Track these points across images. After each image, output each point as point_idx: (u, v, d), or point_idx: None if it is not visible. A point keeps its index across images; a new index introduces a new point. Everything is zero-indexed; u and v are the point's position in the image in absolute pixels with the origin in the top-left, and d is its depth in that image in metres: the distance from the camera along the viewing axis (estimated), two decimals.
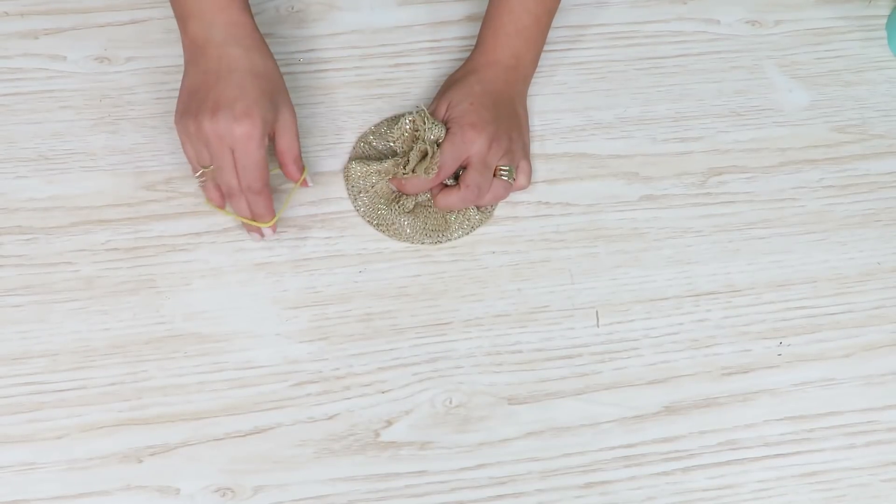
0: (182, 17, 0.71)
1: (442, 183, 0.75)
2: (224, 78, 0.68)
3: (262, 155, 0.68)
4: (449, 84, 0.79)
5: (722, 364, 0.73)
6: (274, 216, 0.72)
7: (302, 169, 0.73)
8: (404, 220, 0.76)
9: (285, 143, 0.71)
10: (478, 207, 0.77)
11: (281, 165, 0.73)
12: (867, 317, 0.76)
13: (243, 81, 0.68)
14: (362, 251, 0.76)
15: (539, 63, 0.81)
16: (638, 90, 0.85)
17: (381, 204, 0.76)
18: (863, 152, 0.83)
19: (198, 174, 0.71)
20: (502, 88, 0.77)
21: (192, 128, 0.68)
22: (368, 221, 0.76)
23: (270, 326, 0.72)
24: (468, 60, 0.80)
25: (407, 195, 0.76)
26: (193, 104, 0.68)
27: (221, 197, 0.73)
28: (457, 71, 0.80)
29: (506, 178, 0.75)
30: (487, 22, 0.79)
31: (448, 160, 0.73)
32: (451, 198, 0.74)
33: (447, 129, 0.74)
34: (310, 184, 0.76)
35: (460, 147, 0.73)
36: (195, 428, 0.68)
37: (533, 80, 0.84)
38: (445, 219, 0.76)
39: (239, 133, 0.66)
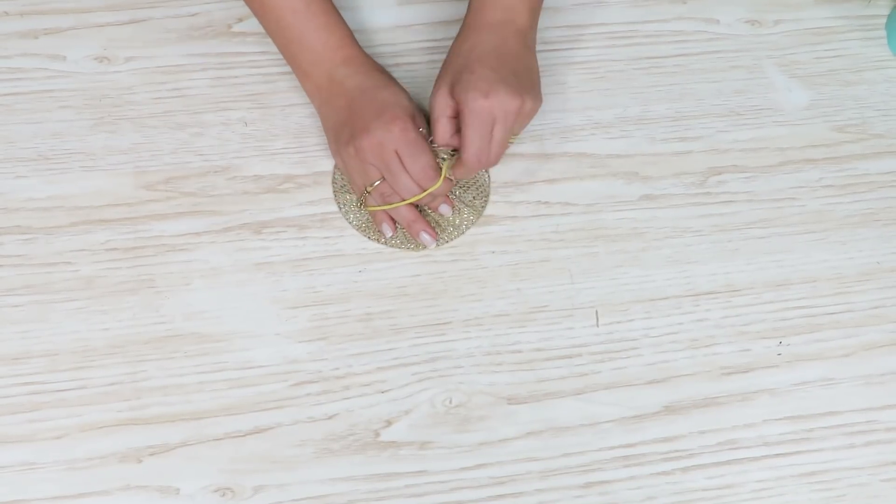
0: (302, 70, 0.76)
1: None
2: (360, 104, 0.73)
3: (424, 141, 0.72)
4: (444, 65, 0.76)
5: (721, 364, 0.73)
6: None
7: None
8: (399, 234, 0.76)
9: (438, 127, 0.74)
10: (466, 205, 0.77)
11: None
12: (866, 316, 0.76)
13: (376, 98, 0.73)
14: (362, 251, 0.76)
15: (540, 63, 0.81)
16: (637, 90, 0.85)
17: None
18: (862, 152, 0.83)
19: (369, 188, 0.73)
20: (499, 48, 0.74)
21: (352, 152, 0.73)
22: (357, 228, 0.76)
23: (270, 326, 0.72)
24: (459, 32, 0.77)
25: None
26: (343, 136, 0.73)
27: (389, 217, 0.75)
28: (451, 46, 0.77)
29: (510, 143, 0.75)
30: None
31: (478, 144, 0.71)
32: (458, 171, 0.74)
33: (460, 112, 0.72)
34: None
35: (483, 124, 0.71)
36: (195, 428, 0.68)
37: None
38: (437, 221, 0.76)
39: (397, 131, 0.71)
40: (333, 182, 0.78)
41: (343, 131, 0.74)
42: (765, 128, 0.84)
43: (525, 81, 0.73)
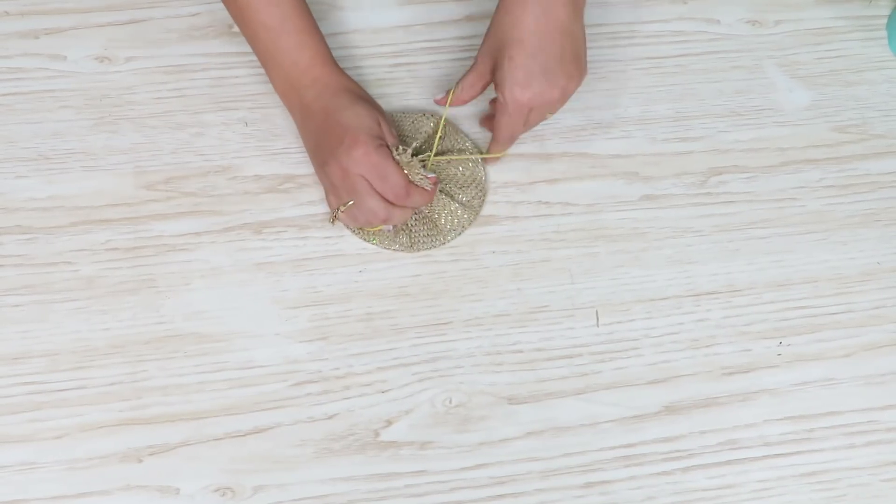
0: (278, 89, 0.76)
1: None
2: (326, 128, 0.72)
3: (389, 162, 0.70)
4: (488, 36, 0.73)
5: (722, 364, 0.73)
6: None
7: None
8: (400, 237, 0.75)
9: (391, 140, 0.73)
10: (463, 205, 0.77)
11: None
12: (867, 317, 0.76)
13: (339, 123, 0.71)
14: (362, 251, 0.76)
15: None
16: (638, 90, 0.85)
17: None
18: (863, 152, 0.83)
19: (342, 208, 0.72)
20: (543, 19, 0.69)
21: (323, 175, 0.73)
22: (361, 238, 0.76)
23: (270, 326, 0.72)
24: (493, 19, 0.72)
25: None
26: (318, 158, 0.73)
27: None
28: (493, 16, 0.72)
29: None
30: None
31: (505, 134, 0.75)
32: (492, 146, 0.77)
33: (500, 97, 0.72)
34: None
35: (516, 118, 0.73)
36: (195, 428, 0.68)
37: None
38: (435, 223, 0.76)
39: (359, 157, 0.69)
40: None
41: (318, 154, 0.73)
42: (766, 128, 0.84)
43: (568, 64, 0.71)
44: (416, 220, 0.76)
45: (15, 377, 0.69)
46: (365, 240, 0.76)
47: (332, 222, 0.75)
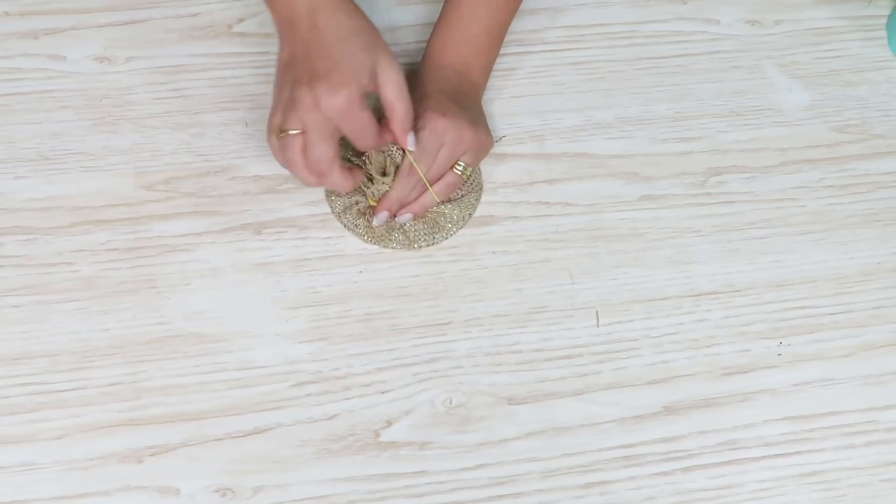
0: None
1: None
2: (314, 48, 0.67)
3: (368, 115, 0.68)
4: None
5: (722, 364, 0.73)
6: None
7: (407, 129, 0.70)
8: (394, 234, 0.75)
9: (390, 94, 0.68)
10: (449, 202, 0.76)
11: (389, 121, 0.70)
12: (867, 317, 0.76)
13: (332, 49, 0.67)
14: (362, 251, 0.76)
15: (540, 63, 0.81)
16: (638, 90, 0.85)
17: (365, 220, 0.76)
18: (863, 152, 0.83)
19: (282, 133, 0.68)
20: (456, 88, 0.76)
21: (285, 97, 0.68)
22: (356, 235, 0.76)
23: (270, 326, 0.72)
24: (419, 66, 0.79)
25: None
26: (289, 76, 0.68)
27: (303, 156, 0.69)
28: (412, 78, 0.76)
29: (459, 172, 0.74)
30: (437, 28, 0.79)
31: (422, 156, 0.72)
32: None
33: (417, 123, 0.71)
34: (411, 147, 0.71)
35: (431, 140, 0.71)
36: (195, 428, 0.68)
37: (533, 80, 0.84)
38: (434, 220, 0.76)
39: (337, 104, 0.66)
40: (334, 205, 0.77)
41: (289, 71, 0.68)
42: (765, 128, 0.84)
43: (480, 121, 0.76)
44: (414, 221, 0.76)
45: (15, 377, 0.69)
46: (355, 232, 0.75)
47: (268, 139, 0.70)
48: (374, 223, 0.75)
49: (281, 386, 0.70)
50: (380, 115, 0.70)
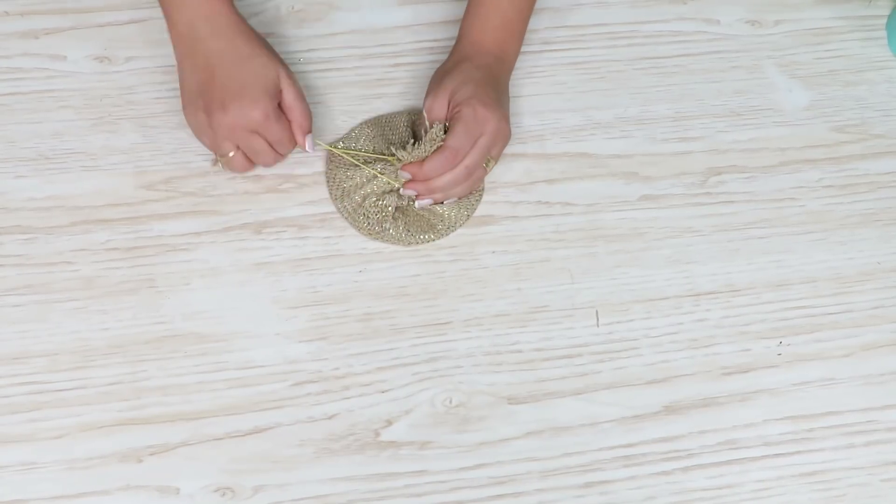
0: (168, 14, 0.73)
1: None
2: (220, 73, 0.71)
3: (284, 123, 0.73)
4: (442, 75, 0.77)
5: (721, 364, 0.73)
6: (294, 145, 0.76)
7: (306, 131, 0.75)
8: (387, 224, 0.75)
9: (289, 98, 0.73)
10: (454, 202, 0.77)
11: (290, 122, 0.75)
12: (866, 317, 0.76)
13: (237, 72, 0.71)
14: (362, 251, 0.76)
15: (540, 63, 0.81)
16: (638, 90, 0.85)
17: (365, 206, 0.76)
18: (862, 152, 0.83)
19: (220, 159, 0.74)
20: (496, 74, 0.77)
21: (203, 122, 0.72)
22: (352, 224, 0.76)
23: (270, 326, 0.72)
24: (455, 51, 0.79)
25: (389, 197, 0.76)
26: (200, 101, 0.72)
27: (249, 163, 0.75)
28: (445, 62, 0.79)
29: (484, 166, 0.75)
30: (473, 11, 0.79)
31: (463, 140, 0.72)
32: (444, 178, 0.73)
33: (456, 112, 0.73)
34: (310, 150, 0.75)
35: (473, 126, 0.72)
36: (195, 428, 0.68)
37: (533, 80, 0.84)
38: (429, 221, 0.76)
39: (256, 117, 0.71)
40: (335, 188, 0.77)
41: (199, 98, 0.72)
42: (765, 128, 0.84)
43: (508, 113, 0.77)
44: (413, 214, 0.76)
45: (15, 377, 0.69)
46: (352, 222, 0.76)
47: (213, 165, 0.77)
48: (403, 191, 0.75)
49: (281, 385, 0.70)
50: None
